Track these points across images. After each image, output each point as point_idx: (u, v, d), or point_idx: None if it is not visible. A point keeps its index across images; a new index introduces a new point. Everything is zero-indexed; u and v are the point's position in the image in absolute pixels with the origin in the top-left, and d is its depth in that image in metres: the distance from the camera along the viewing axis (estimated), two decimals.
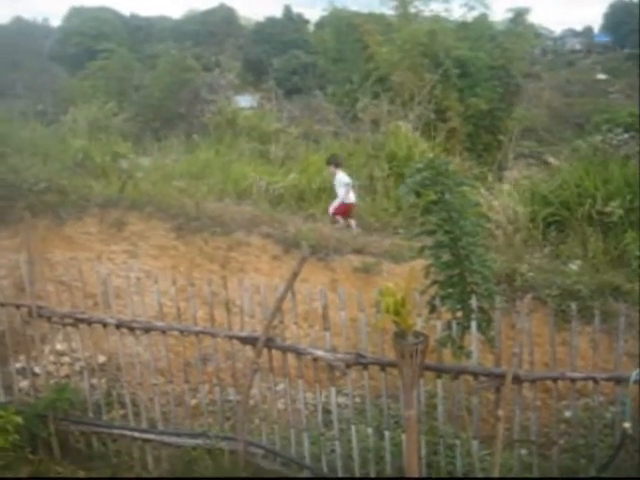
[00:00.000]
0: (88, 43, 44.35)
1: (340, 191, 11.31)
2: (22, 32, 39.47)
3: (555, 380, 5.37)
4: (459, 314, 5.61)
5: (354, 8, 25.36)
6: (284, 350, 6.00)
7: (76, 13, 51.33)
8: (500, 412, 5.06)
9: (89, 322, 6.61)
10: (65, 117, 18.95)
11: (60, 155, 12.62)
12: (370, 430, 5.85)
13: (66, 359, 7.22)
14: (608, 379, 5.23)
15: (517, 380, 5.25)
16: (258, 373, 6.05)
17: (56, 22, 55.53)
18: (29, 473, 6.35)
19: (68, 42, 46.72)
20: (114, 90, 24.95)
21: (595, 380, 5.24)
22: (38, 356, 6.93)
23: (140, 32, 53.97)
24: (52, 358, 7.13)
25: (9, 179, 9.81)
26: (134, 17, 57.98)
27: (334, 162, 11.78)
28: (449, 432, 5.66)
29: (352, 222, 10.99)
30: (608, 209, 9.43)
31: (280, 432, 6.16)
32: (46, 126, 16.62)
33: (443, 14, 23.57)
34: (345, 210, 11.20)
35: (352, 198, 11.35)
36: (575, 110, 35.06)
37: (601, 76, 54.71)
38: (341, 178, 11.38)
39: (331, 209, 11.14)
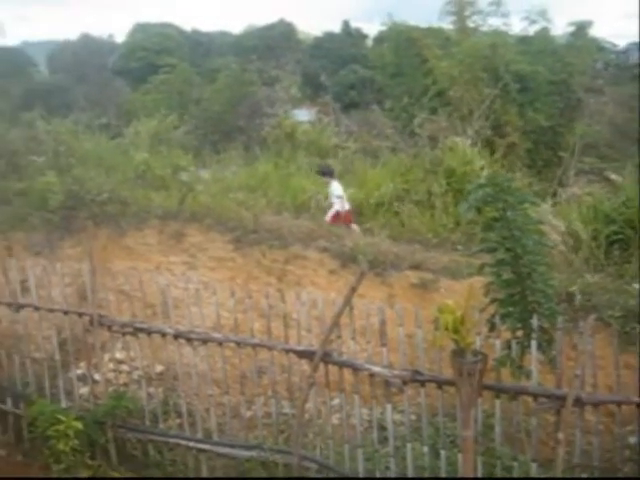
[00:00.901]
0: (151, 58, 45.28)
1: (335, 201, 11.85)
2: (89, 48, 40.63)
3: (619, 404, 5.21)
4: (519, 333, 5.51)
5: (412, 22, 25.25)
6: (341, 365, 5.98)
7: (140, 29, 52.46)
8: (560, 435, 4.94)
9: (148, 332, 6.72)
10: (127, 130, 19.40)
11: (122, 167, 12.91)
12: (426, 448, 5.78)
13: (125, 367, 7.34)
14: None
15: (579, 403, 5.11)
16: (314, 387, 6.03)
17: (121, 38, 56.81)
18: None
19: (132, 57, 47.76)
20: (175, 104, 25.42)
21: None
22: (98, 364, 7.08)
23: (201, 47, 54.86)
24: (111, 366, 7.28)
25: (73, 190, 10.06)
26: (195, 32, 58.93)
27: (327, 173, 12.52)
28: (507, 454, 5.54)
29: (354, 226, 11.42)
30: None
31: (334, 447, 6.13)
32: (109, 139, 17.03)
33: (502, 28, 23.29)
34: (345, 218, 11.61)
35: (346, 205, 11.88)
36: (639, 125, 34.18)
37: None
38: (334, 189, 11.99)
39: (328, 218, 11.45)
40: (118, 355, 7.29)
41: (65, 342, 7.08)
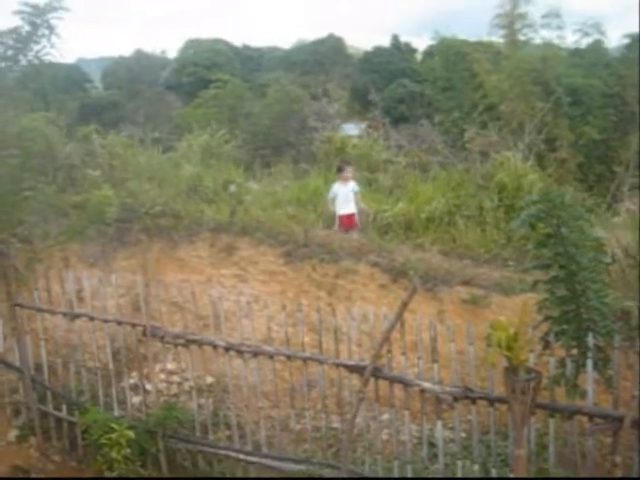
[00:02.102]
0: (202, 73, 45.98)
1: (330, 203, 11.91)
2: (141, 64, 41.51)
3: None
4: (574, 351, 5.41)
5: (462, 36, 25.24)
6: (391, 380, 5.95)
7: (191, 45, 53.37)
8: (617, 458, 4.82)
9: (199, 343, 6.79)
10: (179, 144, 19.71)
11: (174, 180, 13.11)
12: (476, 467, 5.71)
13: (176, 378, 7.42)
14: None
15: (637, 424, 4.98)
16: (364, 402, 6.01)
17: (173, 54, 57.84)
18: None
19: (183, 72, 48.57)
20: (226, 118, 25.73)
21: None
22: (150, 374, 7.18)
23: (251, 62, 55.50)
24: (163, 376, 7.38)
25: (128, 203, 10.27)
26: (246, 48, 59.65)
27: (339, 169, 12.44)
28: (560, 475, 5.42)
29: (354, 234, 11.19)
30: None
31: (383, 463, 6.10)
32: (162, 152, 17.31)
33: (555, 41, 23.10)
34: (345, 222, 11.62)
35: (347, 209, 11.76)
36: None
37: None
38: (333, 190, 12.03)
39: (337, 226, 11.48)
40: (169, 366, 7.38)
41: (118, 352, 7.20)
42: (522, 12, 23.14)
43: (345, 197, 11.68)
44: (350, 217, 11.64)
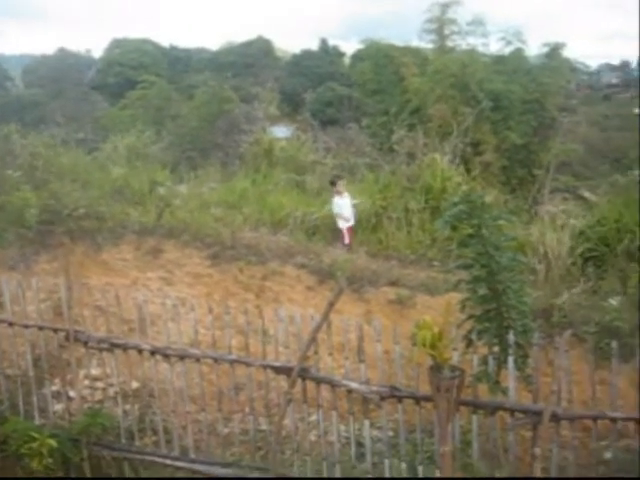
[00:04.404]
0: (128, 73, 45.28)
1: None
2: (65, 62, 40.53)
3: (595, 419, 5.26)
4: (496, 349, 5.55)
5: (390, 41, 25.55)
6: (318, 381, 5.97)
7: (117, 44, 52.49)
8: (537, 450, 4.96)
9: (124, 348, 6.66)
10: (104, 145, 19.31)
11: (99, 182, 12.84)
12: (404, 465, 5.78)
13: (100, 384, 7.25)
14: None
15: (555, 418, 5.15)
16: (291, 404, 6.01)
17: (98, 53, 56.75)
18: None
19: (109, 72, 47.73)
20: (152, 119, 25.41)
21: (637, 421, 5.12)
22: (73, 380, 6.99)
23: (179, 63, 54.95)
24: (87, 382, 7.18)
25: (50, 205, 9.99)
26: (173, 48, 59.06)
27: (332, 183, 12.43)
28: (484, 470, 5.55)
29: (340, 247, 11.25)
30: None
31: (312, 464, 6.10)
32: (86, 154, 16.93)
33: (480, 48, 23.65)
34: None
35: (342, 223, 11.76)
36: (612, 145, 34.76)
37: (638, 110, 54.22)
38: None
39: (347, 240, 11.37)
40: (94, 371, 7.20)
41: (40, 358, 6.98)
42: (451, 18, 23.59)
43: (347, 209, 11.69)
44: (351, 229, 11.65)
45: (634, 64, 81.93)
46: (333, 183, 12.15)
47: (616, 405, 5.28)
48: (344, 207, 11.61)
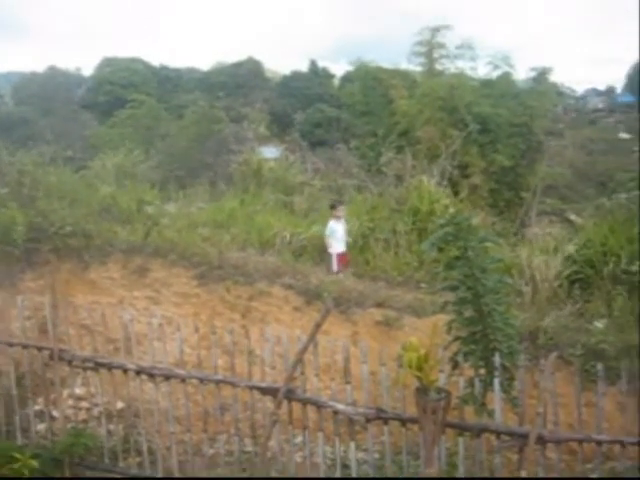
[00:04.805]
0: (118, 92, 45.38)
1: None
2: (55, 80, 40.56)
3: (580, 442, 5.27)
4: (482, 371, 5.56)
5: (379, 63, 25.77)
6: (304, 402, 5.96)
7: (108, 63, 52.65)
8: (523, 473, 4.96)
9: (109, 367, 6.63)
10: (93, 163, 19.27)
11: (87, 200, 12.76)
12: None
13: (84, 404, 7.21)
14: (636, 443, 5.12)
15: (541, 440, 5.16)
16: (277, 425, 5.99)
17: (88, 71, 56.87)
18: None
19: (99, 91, 47.83)
20: (141, 138, 25.43)
21: (622, 444, 5.13)
22: (57, 399, 6.93)
23: (169, 82, 55.17)
24: (71, 402, 7.14)
25: (37, 222, 9.92)
26: (164, 68, 59.27)
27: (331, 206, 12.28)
28: None
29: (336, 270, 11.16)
30: (633, 268, 9.33)
31: None
32: (74, 172, 16.85)
33: (468, 72, 23.89)
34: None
35: (336, 247, 11.62)
36: (598, 168, 35.12)
37: (624, 135, 54.82)
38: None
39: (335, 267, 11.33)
40: (78, 391, 7.16)
41: (23, 377, 6.93)
42: (440, 42, 23.81)
43: (341, 235, 11.64)
44: (344, 255, 11.59)
45: (619, 89, 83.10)
46: (333, 207, 12.11)
47: (601, 428, 5.29)
48: (338, 232, 11.59)
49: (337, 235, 11.53)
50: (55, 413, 6.97)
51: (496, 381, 5.43)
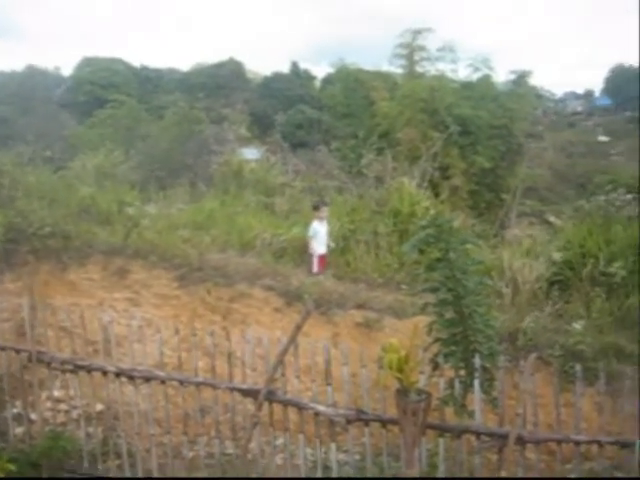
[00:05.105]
0: (98, 92, 45.11)
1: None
2: (34, 80, 40.19)
3: (559, 442, 5.31)
4: (462, 372, 5.58)
5: (361, 65, 25.86)
6: (285, 404, 5.95)
7: (88, 63, 52.30)
8: (503, 473, 4.99)
9: (89, 369, 6.57)
10: (72, 164, 19.11)
11: (66, 201, 12.67)
12: None
13: (63, 406, 7.13)
14: (613, 443, 5.17)
15: (521, 441, 5.19)
16: (258, 427, 5.98)
17: (68, 71, 56.44)
18: None
19: (79, 91, 47.48)
20: (121, 139, 25.21)
21: (600, 444, 5.18)
22: (35, 402, 6.86)
23: (149, 83, 54.91)
24: (49, 404, 7.06)
25: (15, 223, 9.83)
26: (144, 68, 58.96)
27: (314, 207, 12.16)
28: None
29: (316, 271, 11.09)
30: (611, 270, 9.42)
31: None
32: (53, 172, 16.71)
33: (449, 74, 24.03)
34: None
35: (317, 249, 11.50)
36: (577, 170, 35.48)
37: (602, 138, 55.48)
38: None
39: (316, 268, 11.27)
40: (56, 393, 7.08)
41: (1, 380, 6.86)
42: (421, 45, 23.91)
43: (323, 237, 11.55)
44: (324, 257, 11.53)
45: (597, 93, 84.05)
46: (316, 208, 12.04)
47: (580, 428, 5.34)
48: (320, 234, 11.55)
49: (319, 236, 11.50)
50: (33, 416, 6.89)
51: (476, 382, 5.46)
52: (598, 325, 8.06)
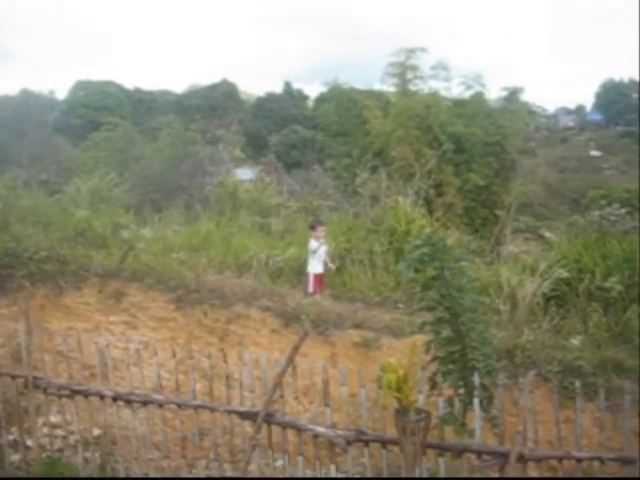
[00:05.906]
0: (92, 115, 45.27)
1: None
2: (28, 104, 40.31)
3: (560, 459, 5.28)
4: (461, 391, 5.56)
5: (353, 84, 25.95)
6: (284, 426, 5.92)
7: (82, 86, 52.57)
8: None
9: (86, 394, 6.54)
10: (67, 187, 19.12)
11: (62, 224, 12.67)
12: None
13: (60, 432, 7.08)
14: (615, 459, 5.14)
15: (522, 459, 5.16)
16: (257, 449, 5.94)
17: (62, 95, 56.63)
18: None
19: (73, 114, 47.69)
20: (116, 162, 25.25)
21: (602, 460, 5.16)
22: (31, 428, 6.82)
23: (143, 105, 55.17)
24: (46, 430, 7.01)
25: (10, 247, 9.82)
26: (138, 91, 59.26)
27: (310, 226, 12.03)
28: None
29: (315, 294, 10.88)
30: (607, 284, 9.42)
31: None
32: (48, 196, 16.73)
33: (442, 92, 24.14)
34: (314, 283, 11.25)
35: (315, 268, 11.32)
36: (570, 185, 35.67)
37: (595, 153, 55.82)
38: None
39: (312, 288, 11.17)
40: (53, 419, 7.03)
41: None
42: (414, 64, 24.02)
43: (320, 256, 11.49)
44: (322, 277, 11.45)
45: (589, 108, 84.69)
46: (313, 227, 12.01)
47: (581, 444, 5.31)
48: (316, 253, 11.50)
49: (316, 256, 11.47)
50: (30, 442, 6.84)
51: (475, 400, 5.43)
52: (596, 340, 8.05)
